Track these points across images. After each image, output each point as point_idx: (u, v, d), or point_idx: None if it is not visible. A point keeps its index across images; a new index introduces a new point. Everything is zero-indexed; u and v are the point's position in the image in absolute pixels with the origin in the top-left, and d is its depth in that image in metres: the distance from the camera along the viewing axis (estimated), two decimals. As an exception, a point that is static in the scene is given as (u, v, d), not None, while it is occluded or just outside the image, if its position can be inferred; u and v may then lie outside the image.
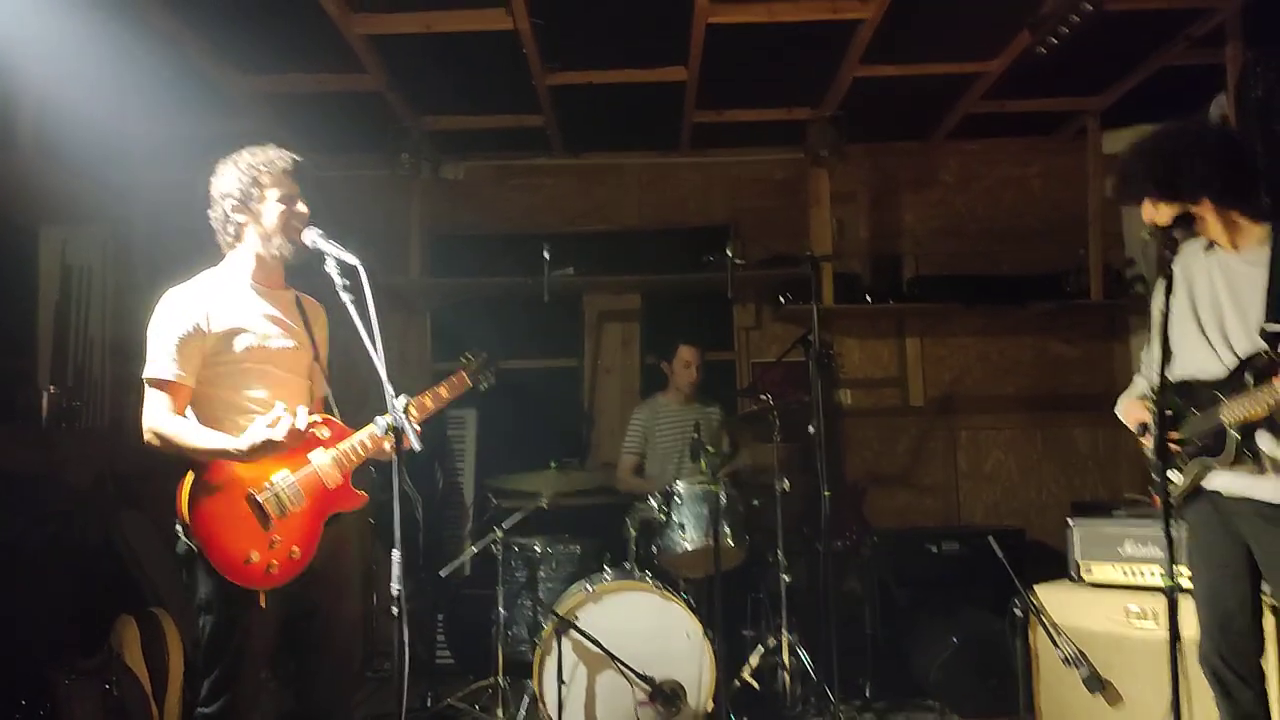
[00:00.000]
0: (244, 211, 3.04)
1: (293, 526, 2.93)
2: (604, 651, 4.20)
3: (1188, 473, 2.94)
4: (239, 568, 2.82)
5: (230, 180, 3.03)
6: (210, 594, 2.85)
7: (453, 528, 6.00)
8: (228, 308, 3.01)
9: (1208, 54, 4.78)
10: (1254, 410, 2.75)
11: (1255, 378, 2.77)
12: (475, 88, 5.32)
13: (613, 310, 6.39)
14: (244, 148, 3.11)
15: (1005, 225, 6.30)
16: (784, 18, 4.47)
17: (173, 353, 2.90)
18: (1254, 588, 2.92)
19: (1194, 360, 2.96)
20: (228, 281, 3.08)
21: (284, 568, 2.89)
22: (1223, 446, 2.84)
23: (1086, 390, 6.11)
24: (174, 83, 4.75)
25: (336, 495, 3.03)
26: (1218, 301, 2.93)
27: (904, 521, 6.04)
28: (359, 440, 3.05)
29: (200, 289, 3.02)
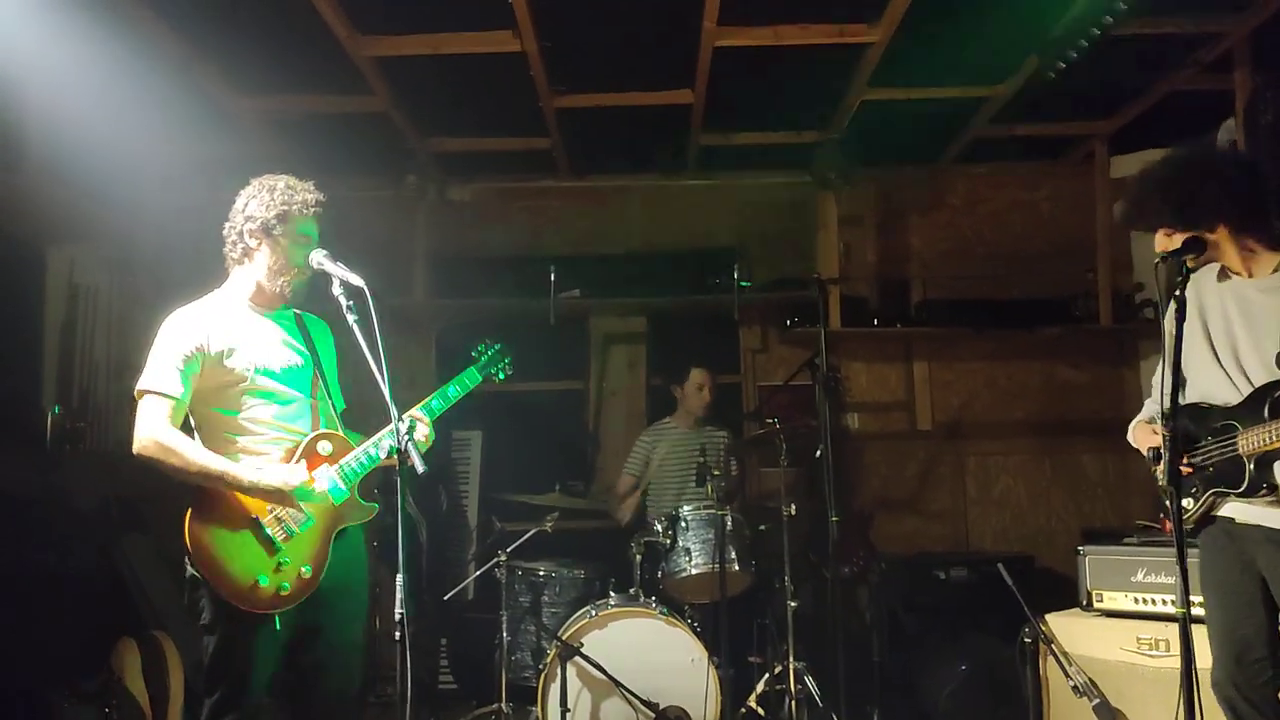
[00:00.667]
0: (261, 238, 3.05)
1: (301, 546, 2.92)
2: (608, 678, 4.16)
3: (1201, 501, 2.91)
4: (247, 593, 2.82)
5: (259, 204, 3.05)
6: (215, 615, 2.85)
7: (456, 550, 5.96)
8: (228, 330, 3.01)
9: (1217, 79, 4.78)
10: (1271, 442, 2.73)
11: (1272, 409, 2.75)
12: (482, 109, 5.33)
13: (619, 332, 6.37)
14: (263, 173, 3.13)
15: (1013, 249, 6.28)
16: (791, 41, 4.47)
17: (174, 368, 2.91)
18: (1270, 616, 2.88)
19: (1207, 385, 2.94)
20: (228, 303, 3.09)
21: (295, 588, 2.89)
22: (1239, 477, 2.81)
23: (1096, 416, 6.06)
24: (181, 104, 4.77)
25: (344, 510, 3.02)
26: (1231, 328, 2.91)
27: (912, 547, 5.99)
28: (363, 452, 3.04)
29: (202, 311, 3.03)
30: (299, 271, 3.06)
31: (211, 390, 2.97)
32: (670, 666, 4.23)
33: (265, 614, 2.86)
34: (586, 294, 5.87)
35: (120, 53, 4.22)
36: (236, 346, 2.99)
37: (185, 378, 2.92)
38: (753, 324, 6.29)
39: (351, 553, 3.10)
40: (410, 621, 2.62)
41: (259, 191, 3.07)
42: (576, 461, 6.19)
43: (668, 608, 4.39)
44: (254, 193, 3.08)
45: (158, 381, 2.90)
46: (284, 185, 3.08)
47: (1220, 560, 2.96)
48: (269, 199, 3.05)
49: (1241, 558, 2.90)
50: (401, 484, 2.67)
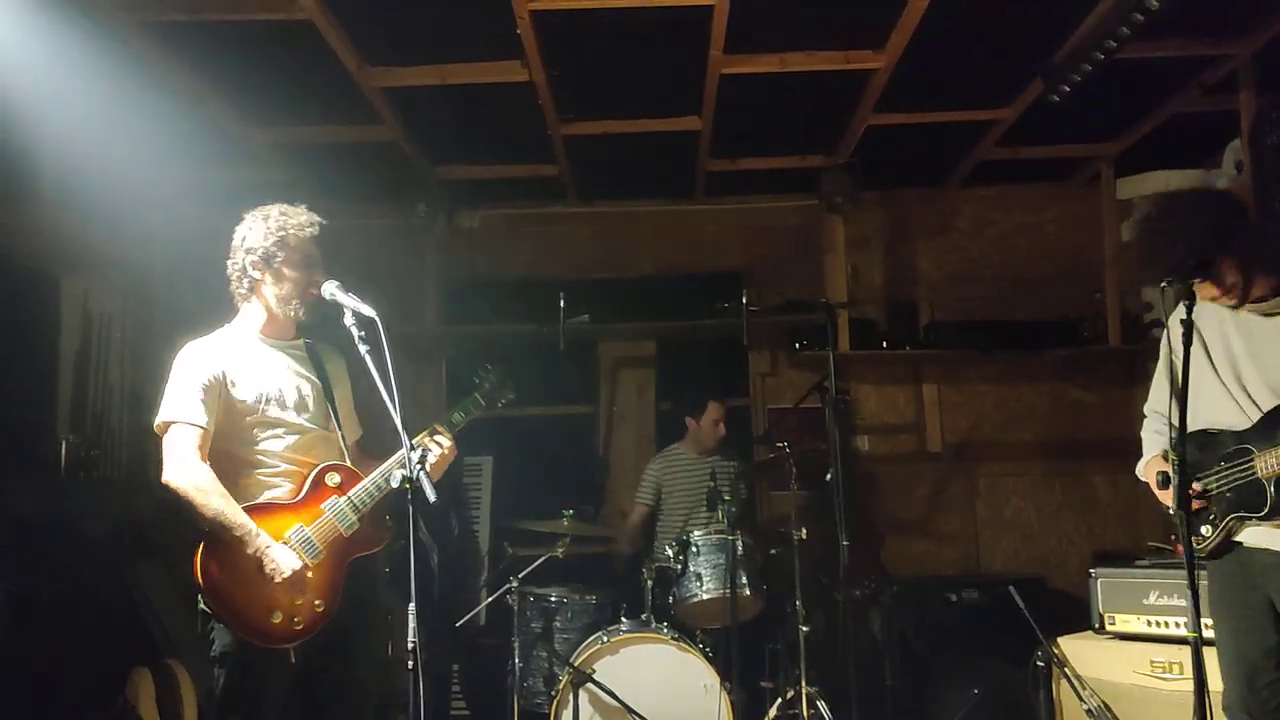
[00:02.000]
0: (264, 269, 3.06)
1: (313, 579, 2.92)
2: (621, 704, 4.15)
3: (1221, 527, 2.91)
4: (262, 628, 2.82)
5: (257, 235, 3.05)
6: (227, 648, 2.85)
7: (468, 576, 5.97)
8: (240, 363, 3.02)
9: (1221, 101, 4.79)
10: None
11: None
12: (490, 138, 5.37)
13: (628, 357, 6.39)
14: (274, 201, 3.13)
15: (1021, 271, 6.29)
16: (797, 68, 4.51)
17: (197, 397, 2.91)
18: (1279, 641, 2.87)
19: (1210, 412, 2.95)
20: (240, 336, 3.10)
21: (308, 621, 2.89)
22: (1260, 501, 2.80)
23: (1106, 436, 6.05)
24: (193, 136, 4.83)
25: (355, 540, 3.03)
26: (1233, 353, 2.92)
27: (922, 570, 5.98)
28: (373, 482, 3.05)
29: (216, 343, 3.04)
30: (307, 295, 3.05)
31: (224, 423, 2.96)
32: (682, 692, 4.23)
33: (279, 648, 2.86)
34: (595, 319, 5.90)
35: (133, 86, 4.29)
36: (248, 379, 3.01)
37: (208, 407, 2.92)
38: (762, 348, 6.31)
39: (365, 582, 3.10)
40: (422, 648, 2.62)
41: (254, 223, 3.07)
42: (587, 486, 6.20)
43: (679, 633, 4.39)
44: (250, 225, 3.08)
45: (183, 411, 2.90)
46: (278, 212, 3.08)
47: (1230, 585, 2.95)
48: (264, 228, 3.05)
49: (1251, 582, 2.89)
50: (413, 512, 2.68)
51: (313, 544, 2.94)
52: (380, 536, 3.10)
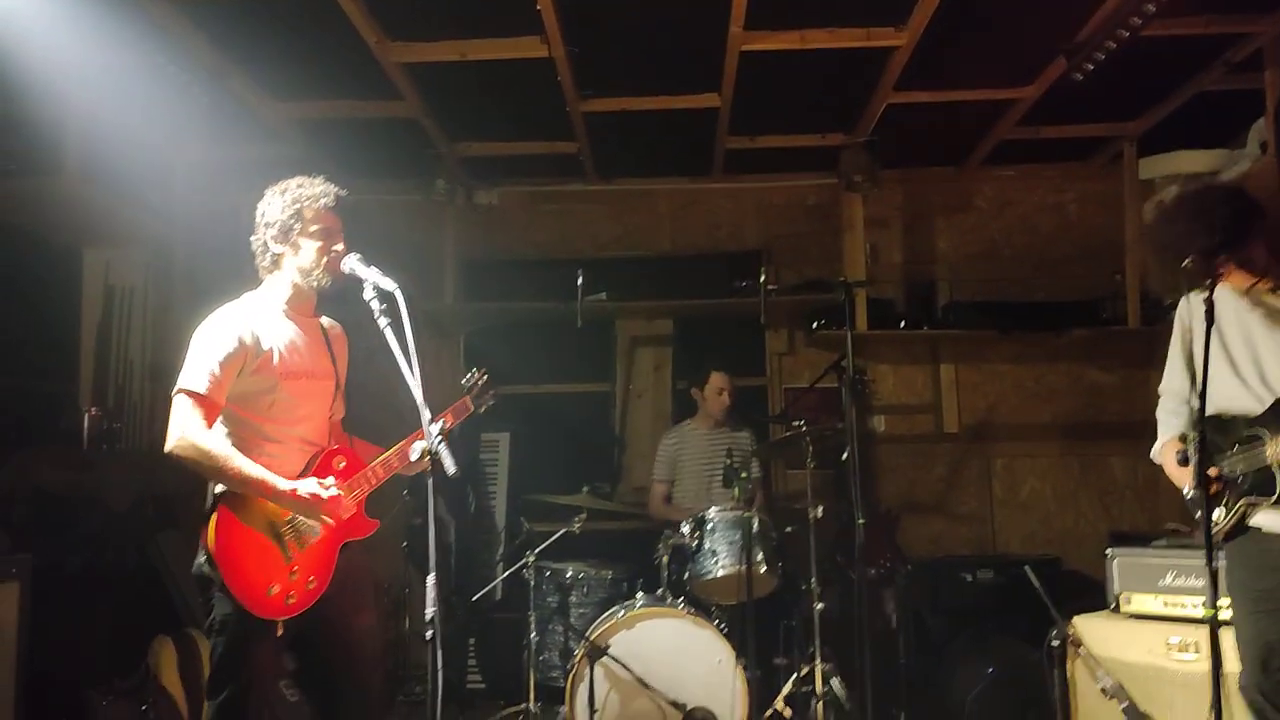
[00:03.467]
0: (284, 242, 3.08)
1: (310, 558, 2.97)
2: (636, 678, 4.18)
3: (1234, 510, 2.91)
4: (261, 599, 2.85)
5: (275, 209, 3.07)
6: (225, 617, 2.87)
7: (485, 551, 6.01)
8: (267, 333, 3.04)
9: (1246, 79, 4.74)
10: None
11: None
12: (509, 114, 5.37)
13: (645, 335, 6.40)
14: (293, 176, 3.14)
15: (1041, 251, 6.26)
16: (817, 45, 4.48)
17: (214, 369, 2.91)
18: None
19: (1225, 396, 2.94)
20: (266, 307, 3.11)
21: (301, 598, 2.93)
22: (1271, 486, 2.80)
23: (1124, 418, 6.03)
24: (214, 109, 4.83)
25: (349, 524, 3.07)
26: (1251, 338, 2.92)
27: (938, 549, 5.99)
28: (372, 470, 3.08)
29: (242, 312, 3.05)
30: (330, 264, 3.05)
31: (243, 393, 2.97)
32: (697, 668, 4.25)
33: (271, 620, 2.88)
34: (613, 297, 5.90)
35: (157, 60, 4.30)
36: (272, 351, 3.02)
37: (223, 379, 2.92)
38: (779, 326, 6.30)
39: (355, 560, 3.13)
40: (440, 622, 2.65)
41: (273, 198, 3.10)
42: (603, 463, 6.22)
43: (695, 608, 4.41)
44: (269, 200, 3.10)
45: (194, 380, 2.90)
46: (295, 185, 3.10)
47: (1246, 568, 2.96)
48: (281, 201, 3.07)
49: (1268, 564, 2.89)
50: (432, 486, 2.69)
51: (313, 524, 2.97)
52: (372, 523, 3.13)
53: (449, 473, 2.67)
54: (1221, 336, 2.97)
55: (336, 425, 3.27)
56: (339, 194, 3.14)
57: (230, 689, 2.87)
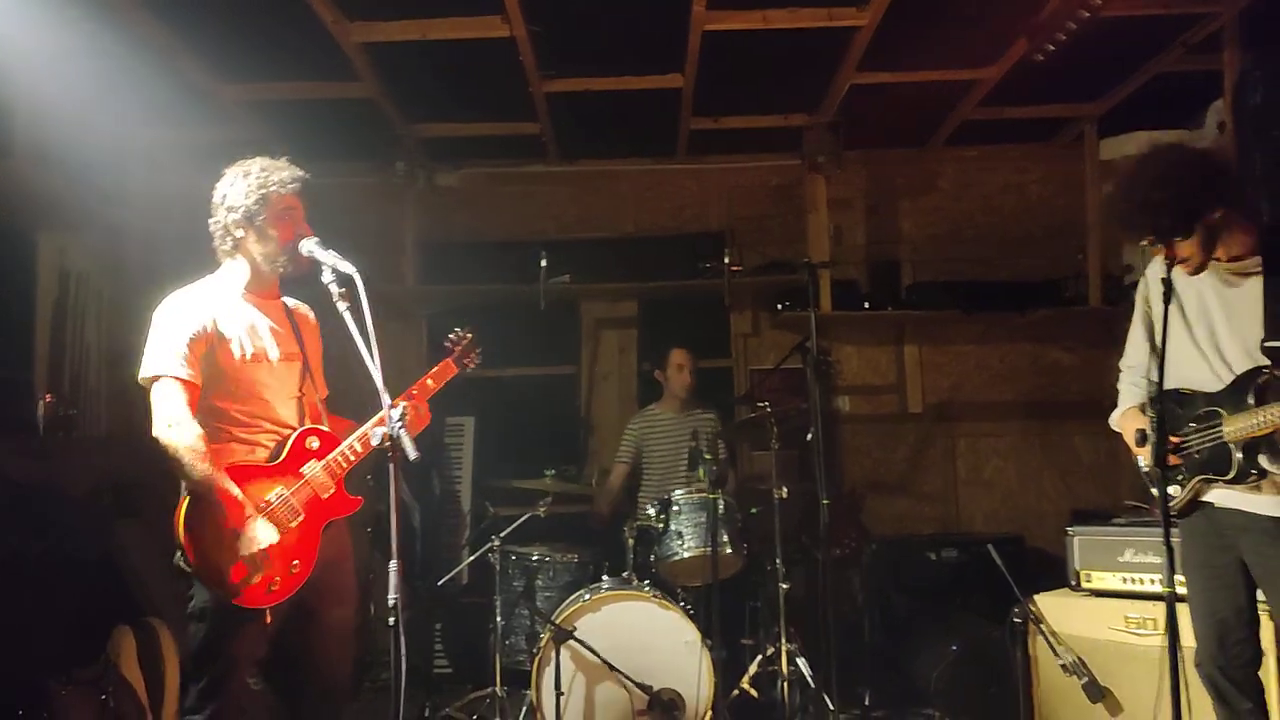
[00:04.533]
0: (247, 227, 3.02)
1: (291, 541, 2.93)
2: (602, 661, 4.18)
3: (1189, 487, 2.94)
4: (239, 589, 2.81)
5: (238, 193, 3.00)
6: (205, 604, 2.85)
7: (450, 536, 5.98)
8: (227, 317, 2.99)
9: (1205, 60, 4.78)
10: (1258, 429, 2.75)
11: (1257, 396, 2.77)
12: (471, 95, 5.31)
13: (610, 317, 6.38)
14: (256, 158, 3.08)
15: (1003, 232, 6.29)
16: (780, 25, 4.47)
17: (183, 351, 2.87)
18: (1249, 599, 2.91)
19: (1186, 371, 2.96)
20: (225, 291, 3.06)
21: (285, 583, 2.90)
22: (1226, 464, 2.83)
23: (1086, 397, 6.09)
24: (166, 91, 4.75)
25: (331, 503, 3.04)
26: (1209, 314, 2.93)
27: (903, 529, 6.03)
28: (349, 446, 3.05)
29: (202, 294, 3.01)
30: (293, 250, 3.00)
31: (209, 377, 2.93)
32: (664, 649, 4.26)
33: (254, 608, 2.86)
34: (577, 279, 5.87)
35: (105, 40, 4.21)
36: (234, 335, 2.98)
37: (195, 360, 2.89)
38: (744, 308, 6.30)
39: (338, 539, 3.11)
40: (404, 607, 2.63)
41: (235, 180, 3.02)
42: (569, 446, 6.21)
43: (661, 591, 4.42)
44: (231, 181, 3.03)
45: (169, 365, 2.85)
46: (258, 168, 3.03)
47: (1202, 543, 2.99)
48: (245, 185, 3.00)
49: (1222, 540, 2.93)
50: (394, 471, 2.67)
51: (293, 508, 2.94)
52: (355, 500, 3.10)
53: (410, 458, 2.66)
54: (1182, 311, 2.99)
55: (317, 405, 3.20)
56: (304, 178, 3.09)
57: (209, 676, 2.86)
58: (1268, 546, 2.81)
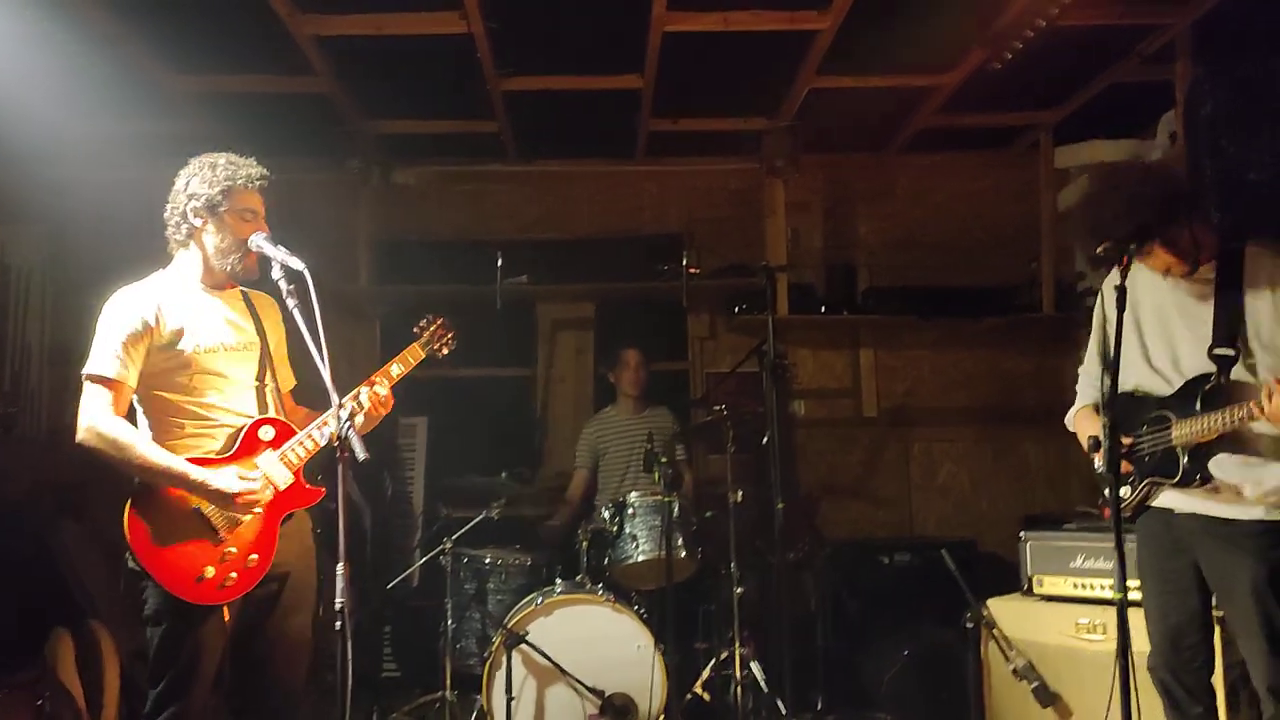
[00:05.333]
0: (207, 216, 2.98)
1: (247, 534, 2.88)
2: (554, 665, 4.15)
3: (1138, 490, 2.97)
4: (192, 586, 2.77)
5: (201, 182, 2.97)
6: (159, 606, 2.80)
7: (401, 538, 5.91)
8: (177, 310, 2.95)
9: (1158, 71, 4.84)
10: (1203, 434, 2.78)
11: (1204, 402, 2.80)
12: (427, 92, 5.25)
13: (566, 319, 6.34)
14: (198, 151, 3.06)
15: (959, 238, 6.32)
16: (740, 27, 4.45)
17: (118, 350, 2.83)
18: (1203, 604, 2.94)
19: (1142, 377, 3.00)
20: (177, 283, 3.03)
21: (243, 577, 2.86)
22: (1174, 468, 2.87)
23: (1038, 403, 6.13)
24: (114, 81, 4.64)
25: (289, 495, 2.99)
26: (1168, 322, 2.97)
27: (857, 533, 6.04)
28: (307, 435, 3.00)
29: (150, 288, 2.97)
30: (248, 249, 2.98)
31: (157, 373, 2.90)
32: (616, 654, 4.23)
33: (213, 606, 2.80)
34: (533, 280, 5.83)
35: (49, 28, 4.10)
36: (183, 327, 2.93)
37: (131, 360, 2.85)
38: (701, 311, 6.29)
39: (298, 540, 3.06)
40: (353, 610, 2.59)
41: (200, 169, 3.00)
42: (524, 448, 6.15)
43: (614, 595, 4.39)
44: (195, 170, 3.01)
45: (99, 364, 2.82)
46: (225, 161, 3.01)
47: (1156, 548, 3.02)
48: (211, 175, 2.97)
49: (1177, 545, 2.96)
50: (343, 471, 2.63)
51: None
52: (315, 491, 3.05)
53: (359, 458, 2.62)
54: (1138, 319, 3.03)
55: (279, 395, 3.16)
56: (270, 178, 3.07)
57: (169, 679, 2.80)
58: (1221, 550, 2.84)
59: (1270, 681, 2.75)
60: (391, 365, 3.23)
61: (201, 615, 2.80)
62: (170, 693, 2.80)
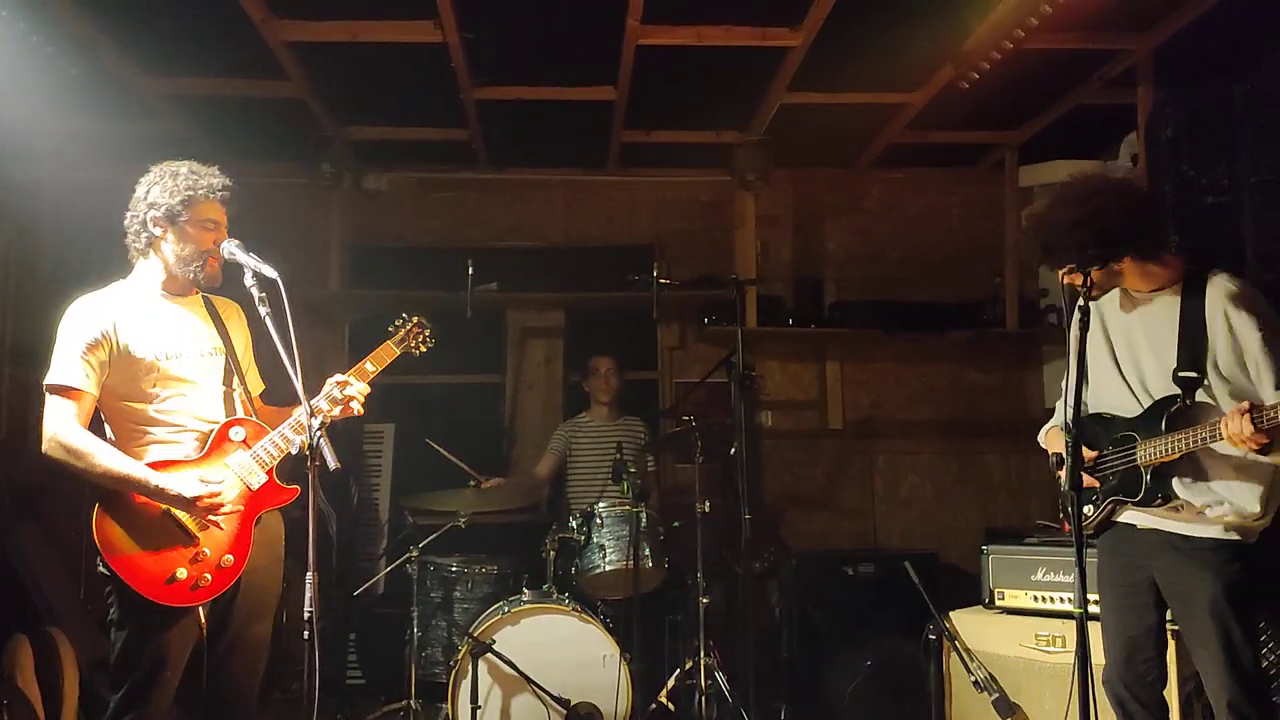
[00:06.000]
0: (165, 226, 2.97)
1: (220, 536, 2.87)
2: (520, 674, 4.15)
3: (1101, 508, 3.02)
4: (163, 588, 2.75)
5: (162, 191, 2.96)
6: (127, 610, 2.79)
7: (367, 545, 5.88)
8: (137, 318, 2.93)
9: (1120, 95, 4.94)
10: (1166, 454, 2.84)
11: (1169, 423, 2.85)
12: (400, 99, 5.25)
13: (536, 327, 6.34)
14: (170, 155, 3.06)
15: (925, 254, 6.40)
16: (714, 42, 4.50)
17: (78, 359, 2.82)
18: (1159, 619, 2.99)
19: (1111, 397, 3.05)
20: (137, 291, 3.01)
21: (217, 578, 2.84)
22: (1137, 487, 2.92)
23: (1001, 418, 6.22)
24: (84, 82, 4.59)
25: (263, 494, 2.99)
26: (1134, 342, 3.01)
27: (821, 544, 6.07)
28: (279, 434, 3.00)
29: (110, 298, 2.95)
30: (209, 258, 2.98)
31: (121, 381, 2.88)
32: (582, 663, 4.24)
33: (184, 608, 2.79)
34: (504, 288, 5.83)
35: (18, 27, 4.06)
36: (146, 335, 2.92)
37: (92, 370, 2.84)
38: (671, 321, 6.32)
39: (267, 547, 3.04)
40: (318, 617, 2.59)
41: (161, 178, 2.98)
42: (492, 456, 6.14)
43: (580, 604, 4.40)
44: (155, 179, 2.99)
45: (62, 375, 2.81)
46: (187, 170, 3.00)
47: (1117, 563, 3.07)
48: (172, 185, 2.96)
49: (1137, 561, 3.01)
50: (313, 479, 2.64)
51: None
52: (289, 490, 3.04)
53: (330, 467, 2.63)
54: (1109, 339, 3.08)
55: (248, 399, 3.14)
56: (233, 188, 3.05)
57: (132, 683, 2.78)
58: (1180, 566, 2.89)
59: (1228, 696, 2.79)
60: (366, 362, 3.23)
61: (169, 619, 2.78)
62: (130, 699, 2.78)
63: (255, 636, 3.03)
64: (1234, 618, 2.79)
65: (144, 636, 2.78)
